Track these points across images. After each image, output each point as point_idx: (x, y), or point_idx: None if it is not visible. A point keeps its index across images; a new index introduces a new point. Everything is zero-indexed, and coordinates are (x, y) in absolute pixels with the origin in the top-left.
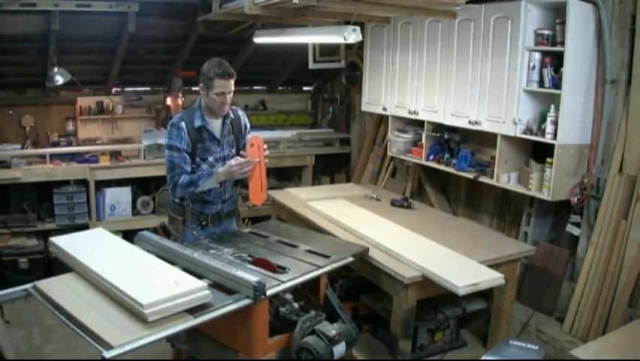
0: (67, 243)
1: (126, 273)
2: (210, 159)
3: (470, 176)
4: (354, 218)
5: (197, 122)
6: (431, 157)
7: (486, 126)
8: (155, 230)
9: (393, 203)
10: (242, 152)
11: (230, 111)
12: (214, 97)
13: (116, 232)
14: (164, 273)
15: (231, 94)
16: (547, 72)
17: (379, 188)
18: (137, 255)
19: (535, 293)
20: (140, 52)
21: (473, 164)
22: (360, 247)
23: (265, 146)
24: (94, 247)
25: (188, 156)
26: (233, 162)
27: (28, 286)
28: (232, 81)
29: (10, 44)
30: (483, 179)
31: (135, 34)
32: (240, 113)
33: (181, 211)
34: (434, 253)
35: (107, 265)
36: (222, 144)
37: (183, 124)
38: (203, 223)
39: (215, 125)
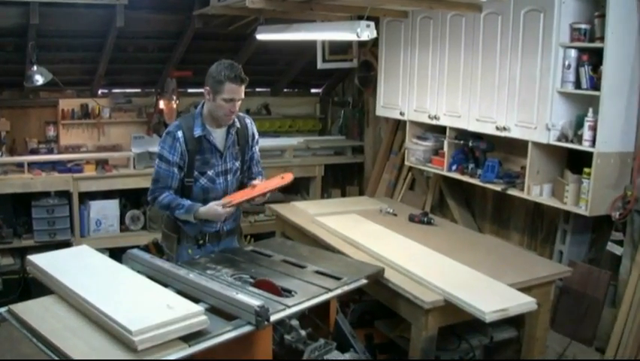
0: (46, 262)
1: (113, 296)
2: (210, 172)
3: (498, 188)
4: (367, 235)
5: (198, 132)
6: (454, 167)
7: (515, 133)
8: (146, 248)
9: (411, 218)
10: (255, 181)
11: (235, 119)
12: (222, 103)
13: (102, 250)
14: (155, 296)
15: (240, 102)
16: (585, 71)
17: (396, 202)
18: (125, 276)
19: (572, 320)
20: (129, 49)
21: (501, 175)
22: (375, 267)
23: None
24: (77, 267)
25: (177, 171)
26: (220, 209)
27: (3, 310)
28: (243, 87)
29: None
30: (512, 192)
31: (124, 29)
32: (248, 121)
33: (176, 228)
34: (458, 274)
35: (91, 286)
36: (225, 157)
37: (180, 133)
38: (200, 242)
39: (218, 135)
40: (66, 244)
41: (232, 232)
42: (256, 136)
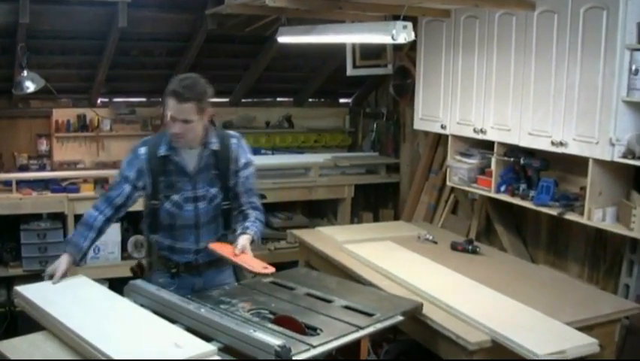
0: (37, 293)
1: (114, 333)
2: (176, 197)
3: (553, 212)
4: (404, 265)
5: (162, 151)
6: (503, 188)
7: (574, 148)
8: (132, 270)
9: (454, 246)
10: (240, 244)
11: (213, 139)
12: (168, 120)
13: (100, 281)
14: (162, 333)
15: (192, 125)
16: None
17: (436, 227)
18: (127, 310)
19: None
20: (133, 53)
21: (557, 197)
22: (412, 302)
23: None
24: (72, 299)
25: (128, 189)
26: (52, 281)
27: None
28: (189, 106)
29: None
30: (570, 216)
31: (127, 30)
32: (233, 141)
33: (149, 251)
34: (507, 311)
35: (88, 322)
36: (196, 181)
37: (143, 150)
38: (174, 271)
39: (188, 157)
40: None
41: (215, 263)
42: (242, 160)
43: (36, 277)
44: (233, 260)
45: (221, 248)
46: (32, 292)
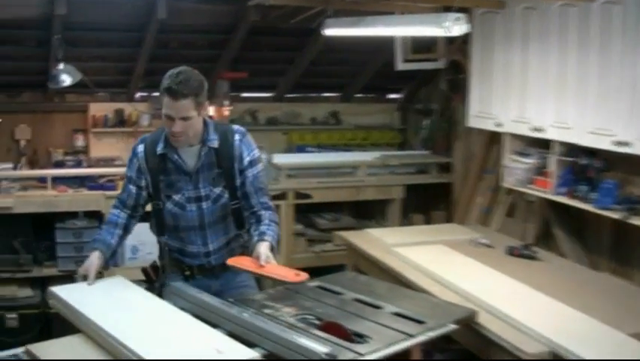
0: (72, 294)
1: (152, 337)
2: (176, 197)
3: (616, 216)
4: (456, 270)
5: (159, 149)
6: (562, 190)
7: (639, 148)
8: (144, 271)
9: (510, 251)
10: (263, 253)
11: (213, 136)
12: (164, 119)
13: (138, 282)
14: (202, 338)
15: (191, 121)
16: None
17: (491, 231)
18: (166, 313)
19: None
20: (172, 45)
21: (620, 199)
22: (466, 310)
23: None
24: (109, 301)
25: (133, 189)
26: (87, 282)
27: (19, 350)
28: (187, 103)
29: (2, 32)
30: (635, 220)
31: (167, 22)
32: (236, 137)
33: (162, 252)
34: (566, 320)
35: (126, 325)
36: (197, 181)
37: (141, 148)
38: (187, 273)
39: (188, 155)
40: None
41: (228, 266)
42: (246, 158)
43: (71, 277)
44: (260, 273)
45: (241, 262)
46: (67, 293)
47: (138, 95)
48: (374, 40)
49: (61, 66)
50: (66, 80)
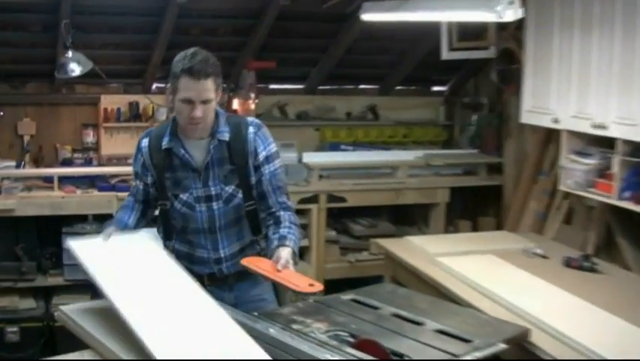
0: (89, 253)
1: (165, 325)
2: (184, 196)
3: None
4: (507, 284)
5: (164, 143)
6: (627, 194)
7: None
8: None
9: (567, 263)
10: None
11: (223, 128)
12: (180, 106)
13: None
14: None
15: (211, 105)
16: None
17: (547, 239)
18: (195, 299)
19: None
20: (193, 32)
21: None
22: (517, 327)
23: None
24: (126, 267)
25: (140, 186)
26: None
27: None
28: (209, 83)
29: (4, 16)
30: None
31: (187, 6)
32: (251, 130)
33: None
34: (631, 341)
35: (139, 305)
36: (207, 178)
37: (145, 142)
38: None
39: (195, 149)
40: None
41: (245, 275)
42: (262, 153)
43: (79, 287)
44: (272, 278)
45: (257, 264)
46: (84, 249)
47: (155, 86)
48: (417, 26)
49: (69, 54)
50: (75, 69)
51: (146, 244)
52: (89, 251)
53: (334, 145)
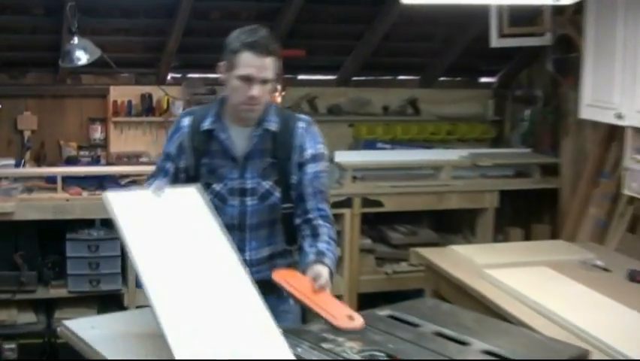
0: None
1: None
2: (218, 187)
3: None
4: (564, 299)
5: (206, 124)
6: None
7: None
8: None
9: (632, 276)
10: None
11: (273, 118)
12: (236, 83)
13: None
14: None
15: (267, 87)
16: None
17: (609, 250)
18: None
19: None
20: (213, 16)
21: None
22: (575, 348)
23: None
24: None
25: (170, 168)
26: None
27: None
28: (270, 61)
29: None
30: None
31: None
32: (300, 125)
33: None
34: None
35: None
36: (245, 169)
37: (187, 121)
38: None
39: (239, 137)
40: (114, 296)
41: (272, 286)
42: (309, 150)
43: (84, 299)
44: (307, 304)
45: (290, 281)
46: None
47: (170, 76)
48: (463, 9)
49: (75, 40)
50: (81, 57)
51: (193, 203)
52: (126, 205)
53: (370, 143)
